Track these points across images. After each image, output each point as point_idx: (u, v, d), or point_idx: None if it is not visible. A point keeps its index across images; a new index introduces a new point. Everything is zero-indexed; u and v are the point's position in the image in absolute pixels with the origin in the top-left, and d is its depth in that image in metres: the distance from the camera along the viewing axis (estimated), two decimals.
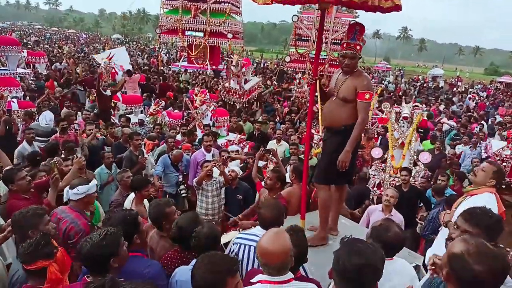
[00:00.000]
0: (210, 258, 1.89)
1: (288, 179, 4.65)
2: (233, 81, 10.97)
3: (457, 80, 33.97)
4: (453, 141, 9.45)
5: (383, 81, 27.59)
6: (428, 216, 4.86)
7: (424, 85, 29.73)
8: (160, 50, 32.95)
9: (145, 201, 4.07)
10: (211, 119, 8.40)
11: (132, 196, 4.08)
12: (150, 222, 3.04)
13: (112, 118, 8.77)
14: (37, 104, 8.93)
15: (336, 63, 17.91)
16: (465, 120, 11.42)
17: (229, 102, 11.04)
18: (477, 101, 19.73)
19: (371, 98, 3.15)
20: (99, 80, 9.01)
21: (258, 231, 2.67)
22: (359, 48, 3.14)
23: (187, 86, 15.16)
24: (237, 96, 10.96)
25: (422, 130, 9.49)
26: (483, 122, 11.84)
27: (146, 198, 4.09)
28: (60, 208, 3.25)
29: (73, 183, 3.27)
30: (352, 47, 3.13)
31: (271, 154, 5.67)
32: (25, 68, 12.45)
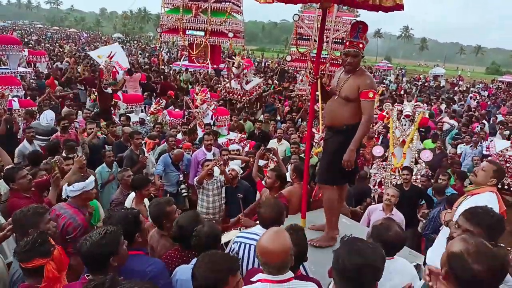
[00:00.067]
0: (211, 257, 1.88)
1: (288, 178, 4.65)
2: (234, 82, 10.97)
3: (458, 79, 33.89)
4: (455, 140, 9.43)
5: (384, 81, 27.54)
6: (429, 215, 4.85)
7: (426, 84, 29.67)
8: (161, 49, 32.96)
9: (145, 200, 4.08)
10: (211, 118, 8.39)
11: (132, 195, 4.09)
12: (151, 221, 3.04)
13: (112, 117, 8.78)
14: (38, 103, 8.93)
15: (337, 62, 17.89)
16: (466, 120, 11.39)
17: (229, 101, 11.03)
18: (478, 100, 19.69)
19: (374, 97, 3.12)
20: (100, 79, 9.02)
21: (259, 230, 2.67)
22: (362, 46, 3.11)
23: (188, 86, 15.16)
24: (237, 96, 10.96)
25: (423, 129, 9.48)
26: (484, 121, 11.81)
27: (146, 197, 4.10)
28: (59, 204, 3.28)
29: (71, 180, 3.30)
30: (355, 45, 3.10)
31: (272, 153, 5.68)
32: (26, 67, 12.44)
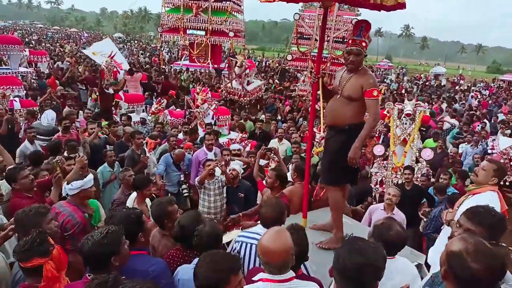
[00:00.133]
0: (212, 256, 1.88)
1: (290, 178, 4.64)
2: (235, 82, 10.96)
3: (459, 78, 33.80)
4: (456, 139, 9.40)
5: (385, 80, 27.51)
6: (430, 214, 4.84)
7: (426, 83, 29.65)
8: (162, 49, 32.98)
9: (147, 200, 4.09)
10: (212, 118, 8.39)
11: (134, 195, 4.09)
12: (152, 220, 3.05)
13: (113, 117, 8.79)
14: (39, 103, 8.94)
15: (338, 61, 17.88)
16: (467, 119, 11.35)
17: (230, 101, 11.03)
18: (479, 99, 19.64)
19: (378, 95, 3.10)
20: (101, 79, 9.03)
21: (260, 229, 2.67)
22: (364, 45, 3.09)
23: (188, 85, 15.17)
24: (238, 97, 10.95)
25: (424, 128, 9.46)
26: (485, 120, 11.78)
27: (148, 197, 4.10)
28: (59, 202, 3.33)
29: (70, 179, 3.33)
30: (358, 44, 3.08)
31: (273, 152, 5.67)
32: (27, 67, 12.47)
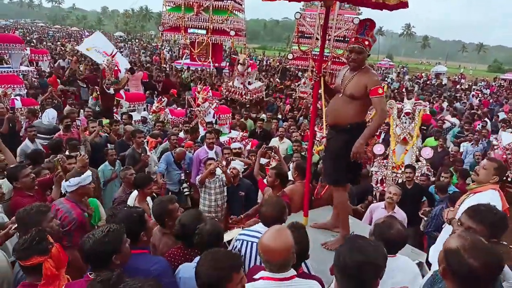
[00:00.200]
0: (214, 254, 1.88)
1: (290, 177, 4.64)
2: (237, 80, 10.94)
3: (460, 77, 33.76)
4: (457, 138, 9.38)
5: (386, 79, 27.48)
6: (431, 213, 4.84)
7: (427, 82, 29.61)
8: (163, 48, 32.97)
9: (148, 199, 4.09)
10: (213, 117, 8.39)
11: (135, 193, 4.10)
12: (153, 219, 3.05)
13: (114, 116, 8.79)
14: (40, 102, 8.95)
15: (338, 60, 17.85)
16: (466, 118, 11.32)
17: (231, 100, 11.02)
18: (480, 98, 19.61)
19: (384, 93, 3.08)
20: (102, 78, 9.03)
21: (261, 227, 2.68)
22: (367, 43, 3.07)
23: (187, 82, 15.19)
24: (239, 96, 10.94)
25: (425, 127, 9.44)
26: (486, 119, 11.75)
27: (149, 196, 4.11)
28: (59, 199, 3.35)
29: (68, 176, 3.34)
30: (360, 42, 3.07)
31: (273, 151, 5.67)
32: (28, 66, 12.47)
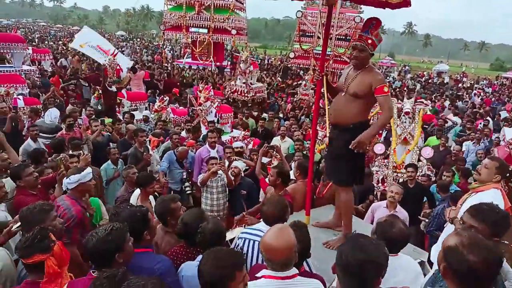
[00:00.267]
0: (216, 253, 1.89)
1: (292, 176, 4.64)
2: (239, 80, 10.93)
3: (462, 75, 33.66)
4: (459, 137, 9.36)
5: (387, 77, 27.43)
6: (433, 212, 4.84)
7: (429, 81, 29.55)
8: (164, 47, 32.92)
9: (151, 198, 4.10)
10: (215, 116, 8.40)
11: (137, 192, 4.12)
12: (156, 217, 3.06)
13: (117, 115, 8.81)
14: (42, 101, 8.98)
15: (340, 59, 17.84)
16: (468, 117, 11.28)
17: (233, 99, 11.02)
18: (482, 97, 19.56)
19: (389, 91, 3.04)
20: (104, 77, 9.04)
21: (262, 226, 2.68)
22: (371, 42, 3.03)
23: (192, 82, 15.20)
24: (242, 95, 10.94)
25: (427, 126, 9.42)
26: (488, 118, 11.71)
27: (151, 194, 4.12)
28: (60, 196, 3.38)
29: (68, 173, 3.36)
30: (363, 40, 3.04)
31: (275, 150, 5.67)
32: (30, 65, 12.49)
